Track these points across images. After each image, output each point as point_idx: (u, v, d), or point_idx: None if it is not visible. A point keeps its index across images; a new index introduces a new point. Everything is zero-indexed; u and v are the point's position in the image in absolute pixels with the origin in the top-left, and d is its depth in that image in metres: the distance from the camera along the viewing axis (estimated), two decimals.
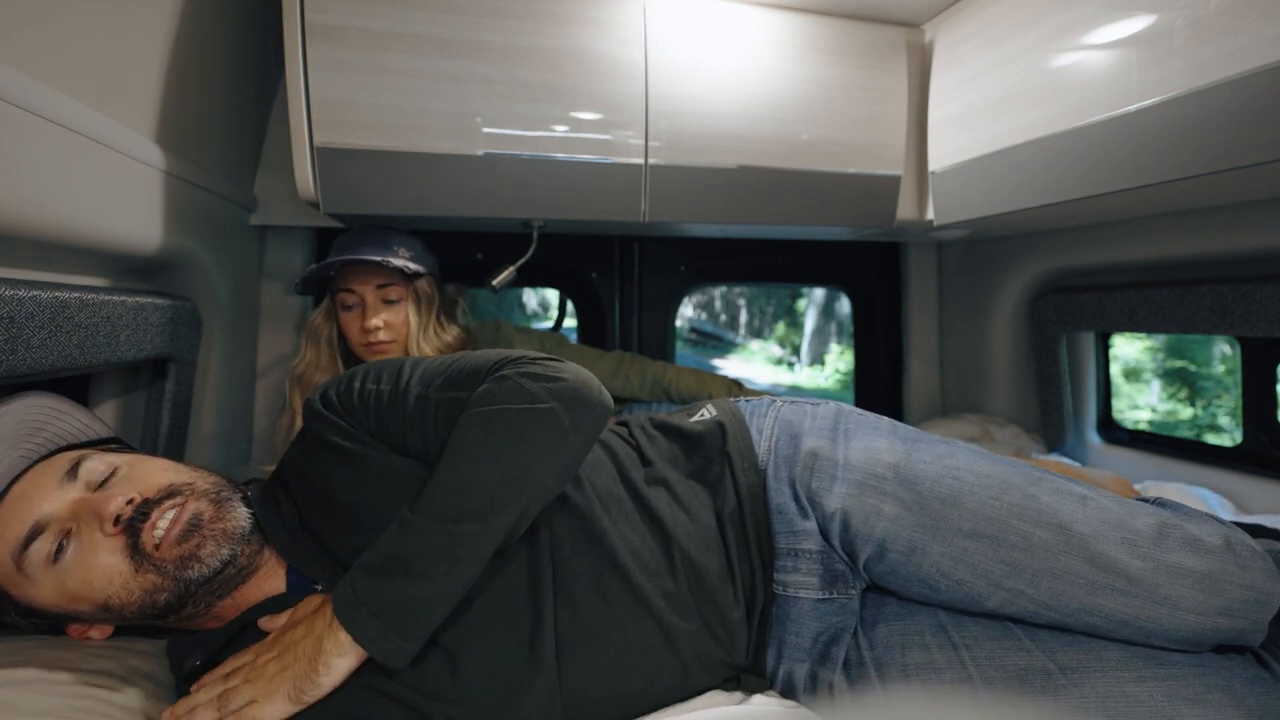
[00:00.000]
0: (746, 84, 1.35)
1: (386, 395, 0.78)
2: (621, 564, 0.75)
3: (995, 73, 1.26)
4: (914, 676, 0.74)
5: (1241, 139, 0.87)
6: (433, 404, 0.76)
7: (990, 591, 0.76)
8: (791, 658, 0.80)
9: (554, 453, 0.71)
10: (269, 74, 1.39)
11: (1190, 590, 0.73)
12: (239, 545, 0.72)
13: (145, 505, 0.69)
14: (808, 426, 0.88)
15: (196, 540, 0.70)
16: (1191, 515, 0.81)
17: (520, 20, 1.22)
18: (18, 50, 0.72)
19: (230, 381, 1.37)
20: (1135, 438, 1.71)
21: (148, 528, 0.68)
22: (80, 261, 0.93)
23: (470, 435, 0.70)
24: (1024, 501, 0.77)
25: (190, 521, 0.70)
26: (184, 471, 0.76)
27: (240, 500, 0.76)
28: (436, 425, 0.76)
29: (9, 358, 0.73)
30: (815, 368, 9.85)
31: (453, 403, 0.76)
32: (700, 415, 0.94)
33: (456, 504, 0.66)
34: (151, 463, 0.76)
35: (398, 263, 1.25)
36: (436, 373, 0.80)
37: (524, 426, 0.70)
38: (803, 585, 0.81)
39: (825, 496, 0.80)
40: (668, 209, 1.35)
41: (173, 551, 0.68)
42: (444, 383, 0.78)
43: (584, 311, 1.88)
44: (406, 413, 0.77)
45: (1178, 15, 0.93)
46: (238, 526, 0.73)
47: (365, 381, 0.80)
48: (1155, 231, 1.38)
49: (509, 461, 0.68)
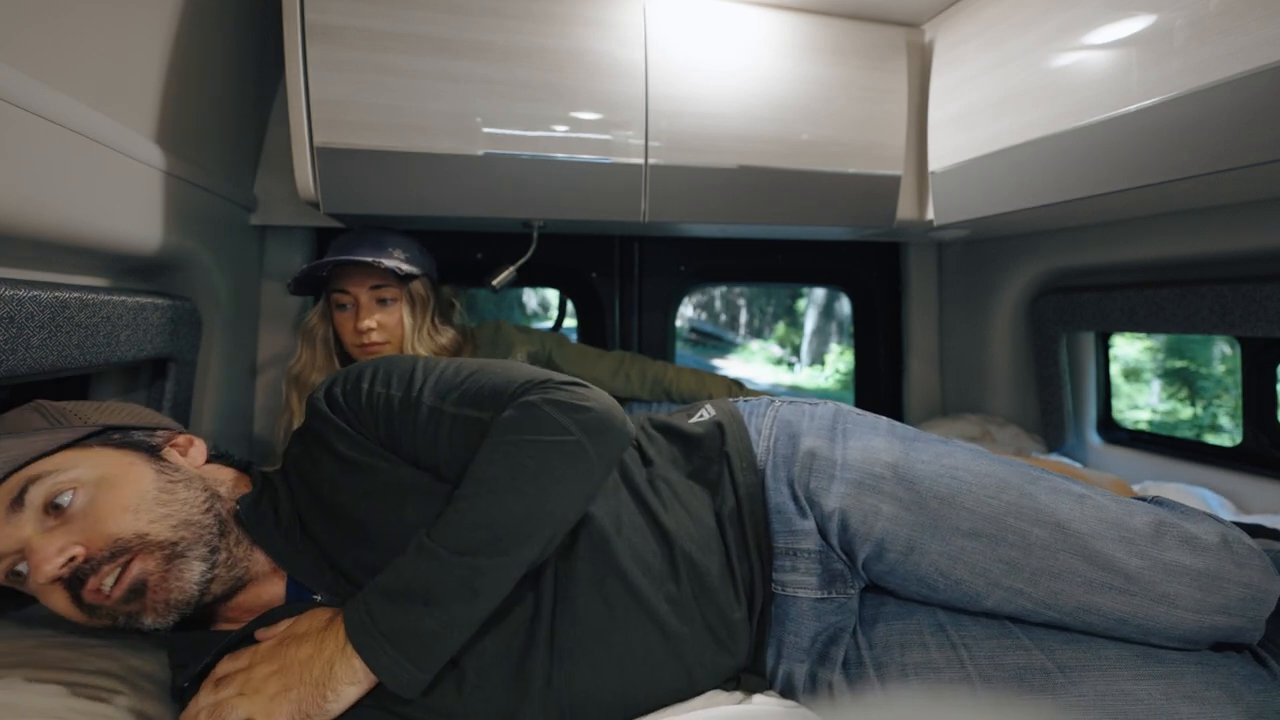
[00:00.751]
0: (746, 84, 1.35)
1: (398, 402, 0.76)
2: (624, 569, 0.74)
3: (995, 73, 1.26)
4: (913, 676, 0.74)
5: (1241, 139, 0.87)
6: (448, 419, 0.74)
7: (989, 590, 0.76)
8: (790, 657, 0.80)
9: (579, 486, 0.71)
10: (269, 74, 1.39)
11: (1188, 588, 0.73)
12: (190, 605, 0.69)
13: (86, 565, 0.65)
14: (806, 426, 0.88)
15: (137, 606, 0.67)
16: (1189, 514, 0.82)
17: (520, 20, 1.22)
18: (18, 50, 0.72)
19: (230, 381, 1.37)
20: (1135, 438, 1.71)
21: (90, 587, 0.65)
22: (80, 261, 0.93)
23: (496, 464, 0.69)
24: (1022, 500, 0.77)
25: (132, 587, 0.66)
26: (147, 508, 0.69)
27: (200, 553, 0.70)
28: (451, 442, 0.74)
29: (9, 358, 0.73)
30: (815, 368, 9.85)
31: (470, 422, 0.74)
32: (700, 416, 0.94)
33: (479, 537, 0.65)
34: (117, 491, 0.69)
35: (390, 264, 1.24)
36: (452, 384, 0.77)
37: (551, 460, 0.69)
38: (801, 585, 0.81)
39: (823, 496, 0.80)
40: (668, 209, 1.35)
41: (118, 609, 0.67)
42: (460, 397, 0.76)
43: (584, 311, 1.88)
44: (419, 423, 0.75)
45: (1178, 15, 0.93)
46: (183, 598, 0.68)
47: (374, 384, 0.78)
48: (1155, 231, 1.38)
49: (534, 496, 0.67)
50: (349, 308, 1.30)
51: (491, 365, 0.80)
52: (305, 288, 1.32)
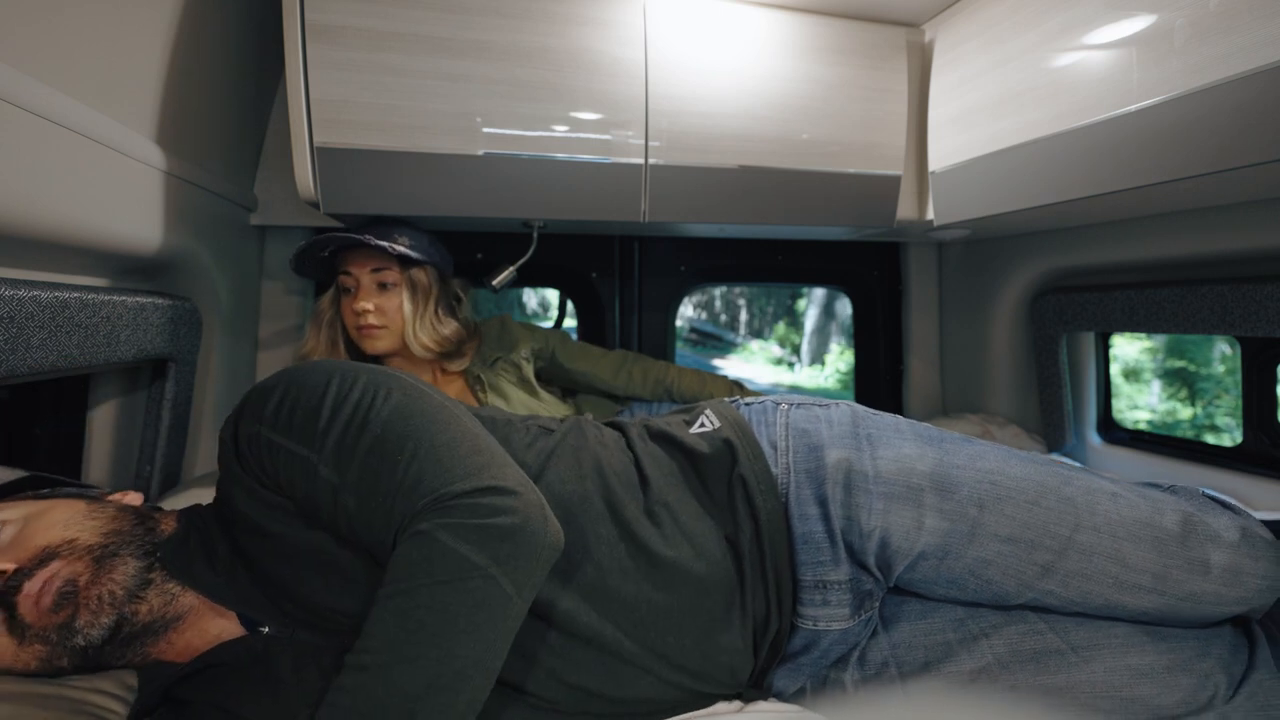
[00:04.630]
0: (746, 84, 1.35)
1: (300, 464, 0.66)
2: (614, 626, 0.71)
3: (995, 73, 1.26)
4: (934, 670, 0.75)
5: (1241, 139, 0.87)
6: (342, 507, 0.65)
7: (1019, 591, 0.77)
8: (805, 674, 0.79)
9: (494, 628, 0.58)
10: (269, 74, 1.39)
11: (1212, 585, 0.77)
12: (124, 607, 0.66)
13: (16, 576, 0.63)
14: (826, 435, 0.83)
15: (69, 610, 0.64)
16: (1208, 507, 0.85)
17: (520, 20, 1.22)
18: (17, 50, 0.72)
19: (230, 381, 1.37)
20: (1136, 438, 1.71)
21: (21, 599, 0.63)
22: (80, 261, 0.93)
23: (381, 633, 0.56)
24: (1060, 505, 0.78)
25: (62, 590, 0.64)
26: (76, 521, 0.68)
27: (132, 553, 0.68)
28: (350, 522, 0.65)
29: (9, 358, 0.73)
30: (815, 368, 9.84)
31: (371, 510, 0.64)
32: (701, 424, 0.88)
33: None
34: (45, 517, 0.68)
35: (385, 244, 1.24)
36: (352, 452, 0.65)
37: (452, 608, 0.57)
38: (833, 618, 0.78)
39: (861, 514, 0.77)
40: (668, 209, 1.35)
41: (48, 620, 0.63)
42: (360, 477, 0.64)
43: (584, 311, 1.88)
44: (316, 493, 0.66)
45: (1178, 15, 0.93)
46: (118, 589, 0.66)
47: (275, 428, 0.68)
48: (1155, 231, 1.38)
49: (436, 660, 0.55)
50: (351, 290, 1.30)
51: (394, 437, 0.66)
52: (310, 268, 1.32)
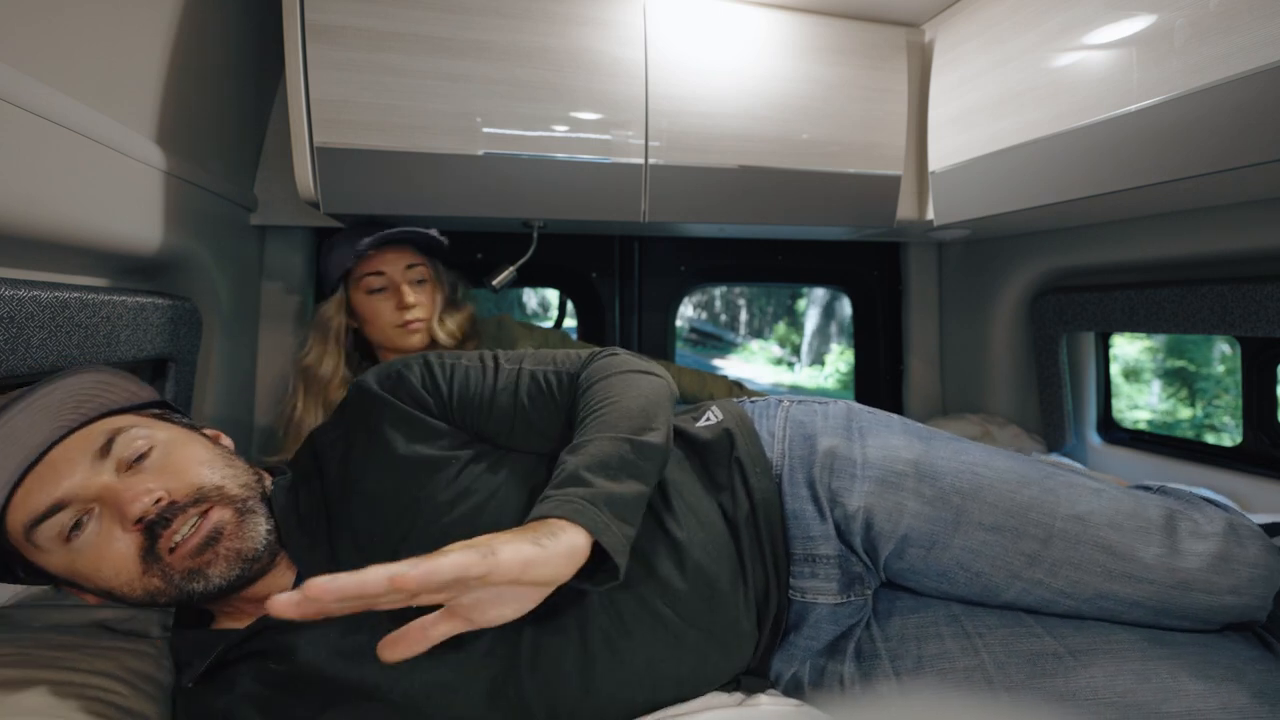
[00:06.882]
0: (746, 84, 1.35)
1: (475, 367, 0.84)
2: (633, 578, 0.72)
3: (995, 73, 1.26)
4: (928, 666, 0.75)
5: (1241, 139, 0.87)
6: (526, 374, 0.83)
7: (1009, 583, 0.77)
8: (800, 658, 0.80)
9: (669, 407, 0.79)
10: (269, 74, 1.39)
11: (1201, 572, 0.76)
12: (250, 564, 0.69)
13: (170, 509, 0.66)
14: (820, 425, 0.88)
15: (209, 556, 0.67)
16: (1194, 501, 0.85)
17: (520, 20, 1.22)
18: (17, 50, 0.72)
19: (230, 381, 1.37)
20: (1136, 438, 1.71)
21: (168, 533, 0.65)
22: (80, 261, 0.92)
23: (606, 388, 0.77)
24: (1042, 495, 0.79)
25: (209, 534, 0.67)
26: (218, 467, 0.72)
27: (264, 512, 0.72)
28: (530, 394, 0.81)
29: (9, 358, 0.73)
30: (815, 368, 9.83)
31: (549, 375, 0.83)
32: (706, 419, 0.93)
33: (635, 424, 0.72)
34: (189, 449, 0.72)
35: (430, 231, 1.29)
36: (520, 357, 0.86)
37: (642, 383, 0.79)
38: (821, 591, 0.81)
39: (846, 495, 0.80)
40: (668, 209, 1.35)
41: (184, 563, 0.66)
42: (536, 359, 0.85)
43: (584, 311, 1.88)
44: (499, 379, 0.82)
45: (1178, 15, 0.93)
46: (253, 547, 0.69)
47: (444, 359, 0.84)
48: (1155, 231, 1.38)
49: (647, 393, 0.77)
50: (384, 289, 1.30)
51: (550, 351, 0.89)
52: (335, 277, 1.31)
